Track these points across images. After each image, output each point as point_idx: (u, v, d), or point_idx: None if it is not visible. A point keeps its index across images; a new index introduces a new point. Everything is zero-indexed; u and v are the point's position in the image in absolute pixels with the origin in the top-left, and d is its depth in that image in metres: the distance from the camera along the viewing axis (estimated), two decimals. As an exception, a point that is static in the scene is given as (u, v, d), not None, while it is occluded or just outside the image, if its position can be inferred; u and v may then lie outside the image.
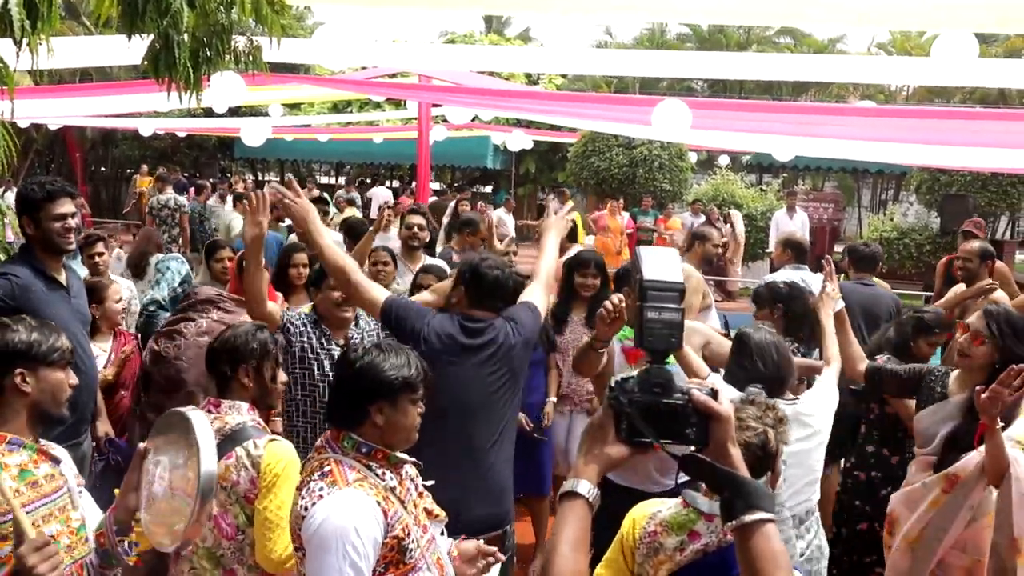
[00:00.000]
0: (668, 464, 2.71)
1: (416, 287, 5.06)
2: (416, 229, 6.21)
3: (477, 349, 3.42)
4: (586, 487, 1.53)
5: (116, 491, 2.43)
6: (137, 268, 7.30)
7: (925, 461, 3.80)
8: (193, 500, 2.22)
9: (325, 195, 13.71)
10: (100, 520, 2.47)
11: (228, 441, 2.80)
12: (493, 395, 3.45)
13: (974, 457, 3.48)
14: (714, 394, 1.53)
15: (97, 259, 6.07)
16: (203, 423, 2.32)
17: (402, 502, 2.38)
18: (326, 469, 2.34)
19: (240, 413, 2.90)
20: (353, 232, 7.08)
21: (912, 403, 4.05)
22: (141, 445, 2.43)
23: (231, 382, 2.96)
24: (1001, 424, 3.32)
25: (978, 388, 3.29)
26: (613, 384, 1.54)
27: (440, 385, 3.16)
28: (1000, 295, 5.92)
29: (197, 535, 2.27)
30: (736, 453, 1.53)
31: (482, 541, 2.75)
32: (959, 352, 3.78)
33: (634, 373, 1.55)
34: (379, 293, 3.50)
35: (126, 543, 2.27)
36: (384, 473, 2.40)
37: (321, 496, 2.27)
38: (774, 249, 7.64)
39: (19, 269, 3.79)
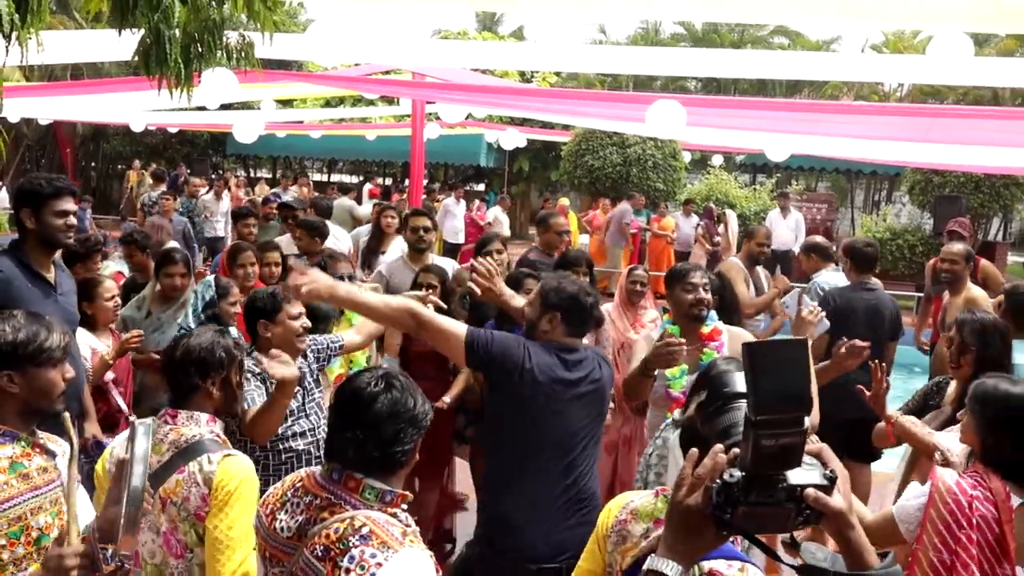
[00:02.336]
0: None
1: (417, 286, 5.00)
2: (422, 232, 6.12)
3: (577, 383, 3.33)
4: (676, 570, 1.44)
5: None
6: None
7: None
8: (121, 512, 2.12)
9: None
10: (86, 525, 2.43)
11: (182, 455, 2.65)
12: (587, 428, 3.37)
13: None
14: (830, 484, 1.42)
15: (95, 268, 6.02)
16: (143, 435, 2.22)
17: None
18: (364, 530, 2.05)
19: (198, 425, 2.74)
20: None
21: None
22: (122, 456, 2.39)
23: (195, 393, 2.81)
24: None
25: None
26: (717, 487, 1.40)
27: (543, 420, 3.28)
28: (979, 293, 5.89)
29: (127, 547, 2.16)
30: (857, 538, 1.45)
31: None
32: (949, 363, 3.87)
33: (738, 475, 1.39)
34: (457, 327, 3.29)
35: (109, 552, 2.23)
36: (407, 518, 2.18)
37: (380, 564, 1.98)
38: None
39: (2, 263, 3.75)
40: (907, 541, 2.88)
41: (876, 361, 3.73)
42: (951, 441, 3.36)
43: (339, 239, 8.11)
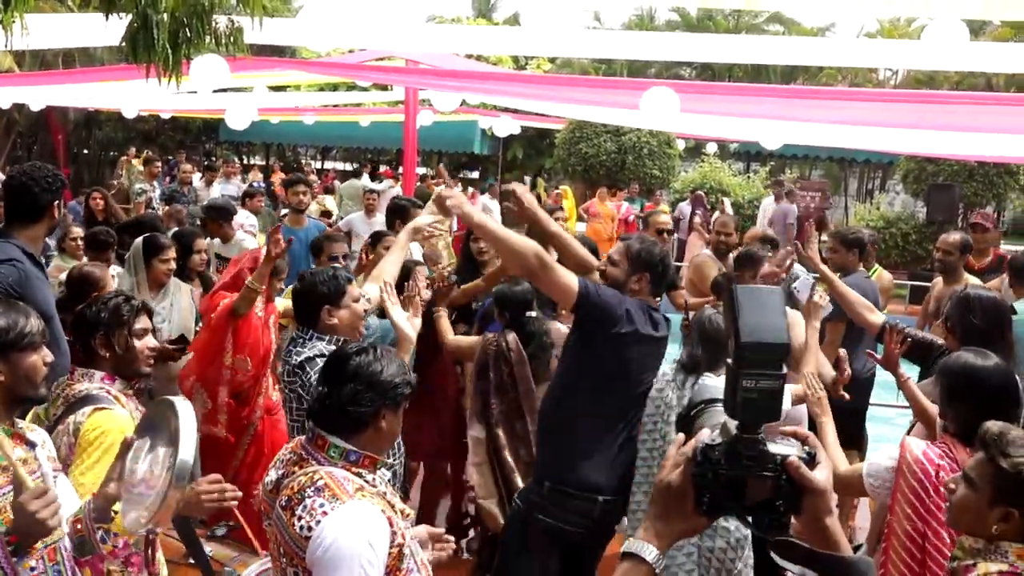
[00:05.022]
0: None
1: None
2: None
3: (659, 340, 3.65)
4: (653, 554, 1.42)
5: None
6: None
7: None
8: (165, 486, 2.17)
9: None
10: (79, 506, 2.43)
11: (68, 409, 2.79)
12: (652, 378, 3.73)
13: None
14: (811, 459, 1.40)
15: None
16: (188, 412, 2.27)
17: (392, 506, 2.30)
18: (319, 483, 2.20)
19: (91, 380, 2.87)
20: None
21: None
22: (127, 435, 2.40)
23: (87, 352, 2.95)
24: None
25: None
26: (698, 456, 1.39)
27: (637, 372, 3.63)
28: (975, 283, 5.87)
29: (166, 521, 2.22)
30: (832, 524, 1.43)
31: None
32: (944, 338, 4.07)
33: (719, 439, 1.40)
34: (572, 274, 3.44)
35: (102, 531, 2.23)
36: (373, 479, 2.31)
37: (325, 513, 2.14)
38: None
39: (16, 253, 3.72)
40: (867, 494, 3.09)
41: (894, 324, 4.11)
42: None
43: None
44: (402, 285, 4.05)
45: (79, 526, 2.36)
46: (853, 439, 5.68)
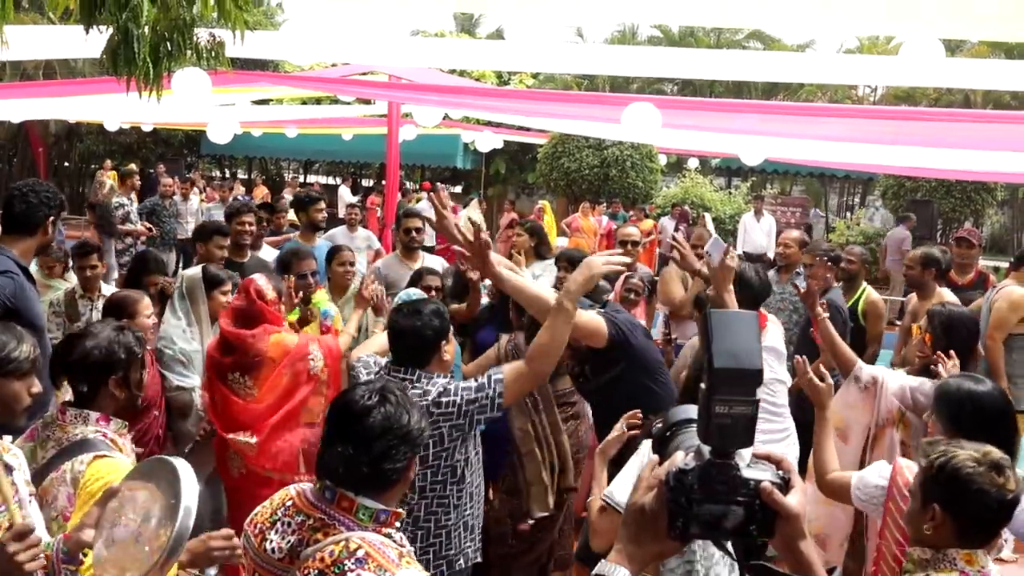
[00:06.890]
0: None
1: (424, 289, 5.01)
2: (415, 232, 6.41)
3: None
4: None
5: None
6: None
7: None
8: (159, 554, 2.03)
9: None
10: (48, 541, 2.36)
11: (63, 454, 2.58)
12: None
13: None
14: (785, 484, 1.39)
15: (89, 272, 5.66)
16: (190, 478, 2.10)
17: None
18: (359, 553, 1.97)
19: (86, 423, 2.65)
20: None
21: None
22: (113, 484, 2.26)
23: (97, 393, 2.70)
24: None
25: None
26: (672, 481, 1.38)
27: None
28: (950, 298, 5.93)
29: None
30: (806, 549, 1.42)
31: None
32: (918, 351, 4.13)
33: (693, 463, 1.39)
34: (593, 315, 3.53)
35: (68, 573, 2.15)
36: (401, 538, 2.13)
37: None
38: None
39: (11, 265, 3.68)
40: (852, 503, 3.10)
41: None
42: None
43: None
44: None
45: (46, 563, 2.28)
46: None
